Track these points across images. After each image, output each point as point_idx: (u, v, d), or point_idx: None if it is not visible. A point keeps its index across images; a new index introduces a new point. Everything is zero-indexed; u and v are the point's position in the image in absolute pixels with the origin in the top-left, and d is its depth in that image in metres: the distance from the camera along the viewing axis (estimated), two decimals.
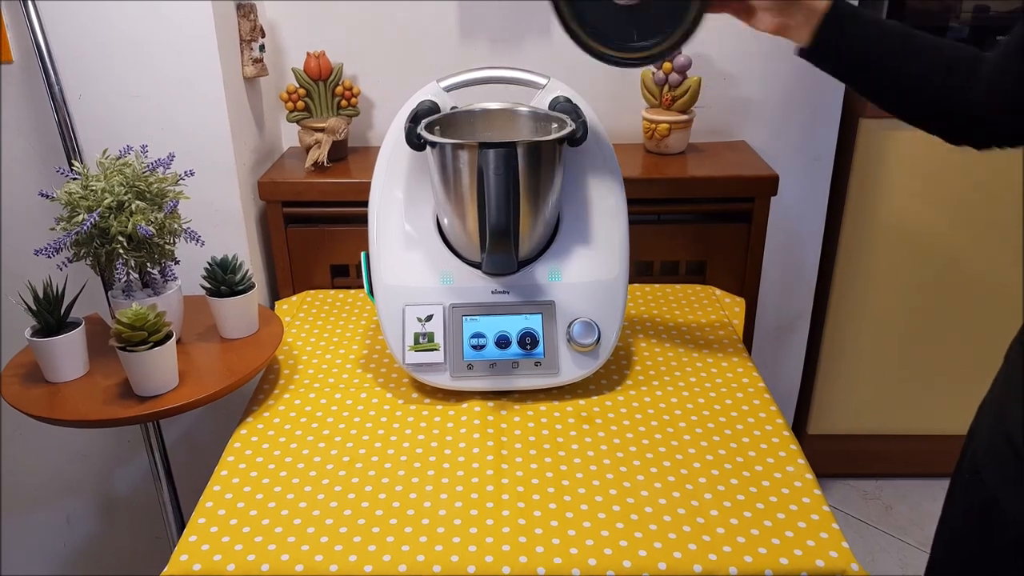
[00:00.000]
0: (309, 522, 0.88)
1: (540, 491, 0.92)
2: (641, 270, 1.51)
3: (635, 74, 1.54)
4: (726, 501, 0.91)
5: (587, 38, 0.94)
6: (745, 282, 1.50)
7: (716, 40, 1.54)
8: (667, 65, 1.48)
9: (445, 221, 1.11)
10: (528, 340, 1.09)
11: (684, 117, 1.50)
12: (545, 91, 1.14)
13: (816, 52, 0.90)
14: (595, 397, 1.10)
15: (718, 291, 1.41)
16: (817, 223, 1.71)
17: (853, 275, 1.76)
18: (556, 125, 1.08)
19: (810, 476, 0.95)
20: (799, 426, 1.95)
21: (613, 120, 1.54)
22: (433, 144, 1.04)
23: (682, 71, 1.48)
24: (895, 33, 0.87)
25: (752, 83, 1.57)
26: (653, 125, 1.51)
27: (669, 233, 1.48)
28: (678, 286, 1.43)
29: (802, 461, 0.97)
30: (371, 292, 1.14)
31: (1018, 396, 0.81)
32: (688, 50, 1.48)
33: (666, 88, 1.50)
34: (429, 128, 1.06)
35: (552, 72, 1.17)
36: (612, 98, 1.57)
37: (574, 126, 1.05)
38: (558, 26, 0.93)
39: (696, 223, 1.48)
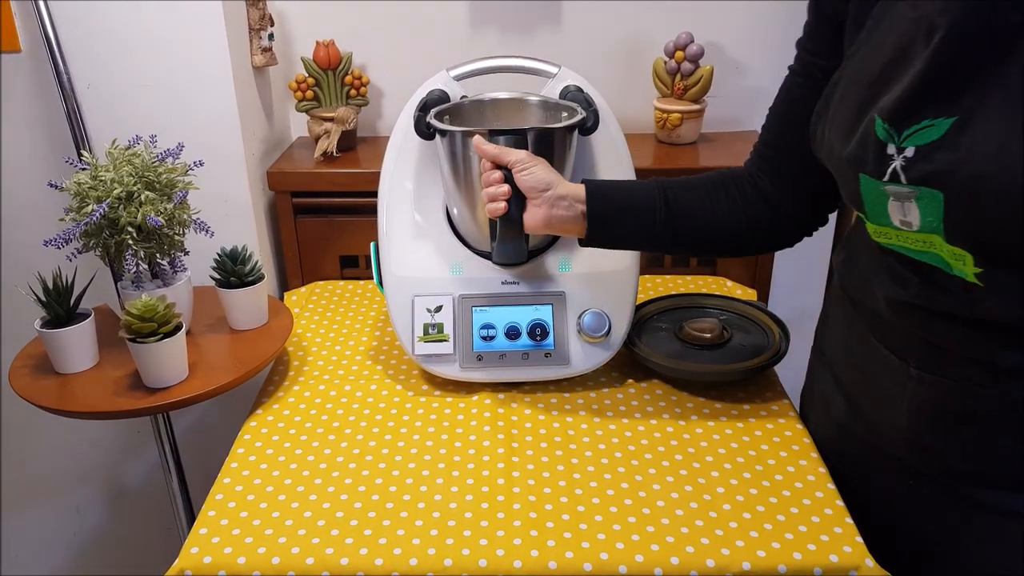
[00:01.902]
0: (319, 514, 0.88)
1: (551, 484, 0.92)
2: (652, 261, 1.50)
3: (647, 63, 1.53)
4: (739, 495, 0.90)
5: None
6: (757, 274, 1.48)
7: (728, 30, 1.52)
8: (679, 54, 1.46)
9: (455, 211, 1.10)
10: (538, 331, 1.08)
11: (696, 107, 1.48)
12: (556, 80, 1.13)
13: (590, 239, 0.96)
14: (606, 389, 1.10)
15: (730, 282, 1.40)
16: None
17: None
18: (566, 114, 1.07)
19: (823, 470, 0.94)
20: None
21: (624, 109, 1.53)
22: (443, 133, 1.03)
23: (694, 60, 1.46)
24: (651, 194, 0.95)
25: (764, 73, 1.55)
26: (665, 115, 1.49)
27: None
28: (689, 277, 1.42)
29: (815, 455, 0.96)
30: (380, 283, 1.13)
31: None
32: (700, 39, 1.47)
33: (678, 77, 1.48)
34: (438, 117, 1.05)
35: (563, 61, 1.15)
36: (623, 87, 1.56)
37: (584, 114, 1.04)
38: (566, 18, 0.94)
39: None
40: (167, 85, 1.29)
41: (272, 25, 1.42)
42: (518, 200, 0.96)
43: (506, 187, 0.94)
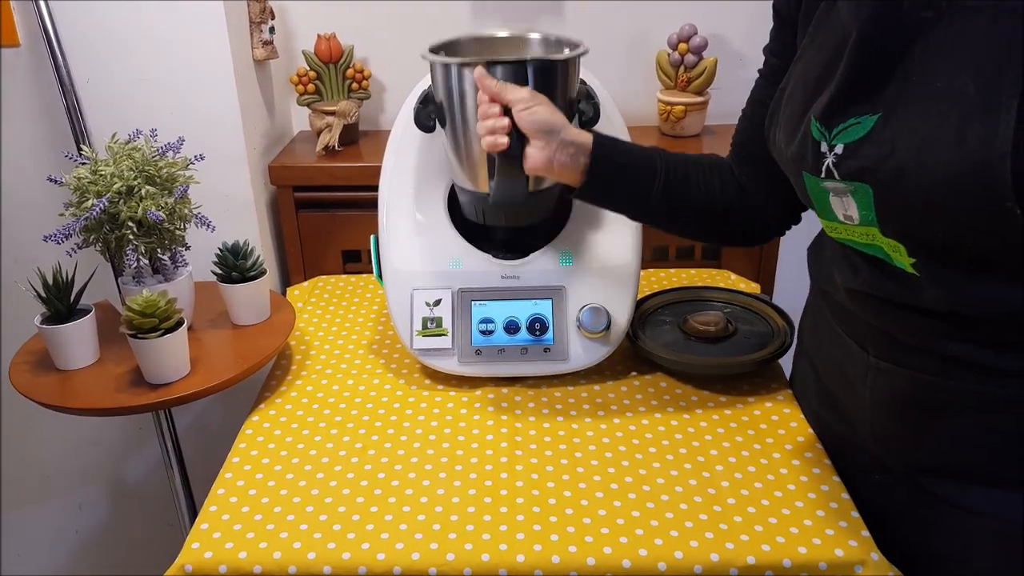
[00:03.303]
0: (321, 510, 0.88)
1: (554, 479, 0.91)
2: (657, 255, 1.49)
3: (650, 56, 1.52)
4: (743, 489, 0.89)
5: None
6: (761, 267, 1.48)
7: (731, 21, 1.51)
8: (683, 46, 1.45)
9: (453, 159, 1.04)
10: (537, 326, 1.07)
11: (700, 99, 1.47)
12: None
13: (586, 191, 0.93)
14: (609, 383, 1.09)
15: (733, 275, 1.39)
16: None
17: None
18: (568, 49, 1.02)
19: (828, 463, 0.93)
20: None
21: (628, 102, 1.52)
22: (444, 65, 0.96)
23: (698, 52, 1.45)
24: (652, 165, 0.94)
25: None
26: (668, 107, 1.48)
27: None
28: (693, 271, 1.41)
29: (820, 447, 0.96)
30: (380, 276, 1.12)
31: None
32: (704, 30, 1.46)
33: (682, 69, 1.47)
34: (434, 53, 1.00)
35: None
36: (627, 80, 1.55)
37: (586, 49, 0.98)
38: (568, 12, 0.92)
39: None
40: (167, 79, 1.28)
41: (273, 18, 1.41)
42: (518, 135, 0.90)
43: (506, 120, 0.88)
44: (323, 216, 1.45)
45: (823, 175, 0.75)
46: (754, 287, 1.37)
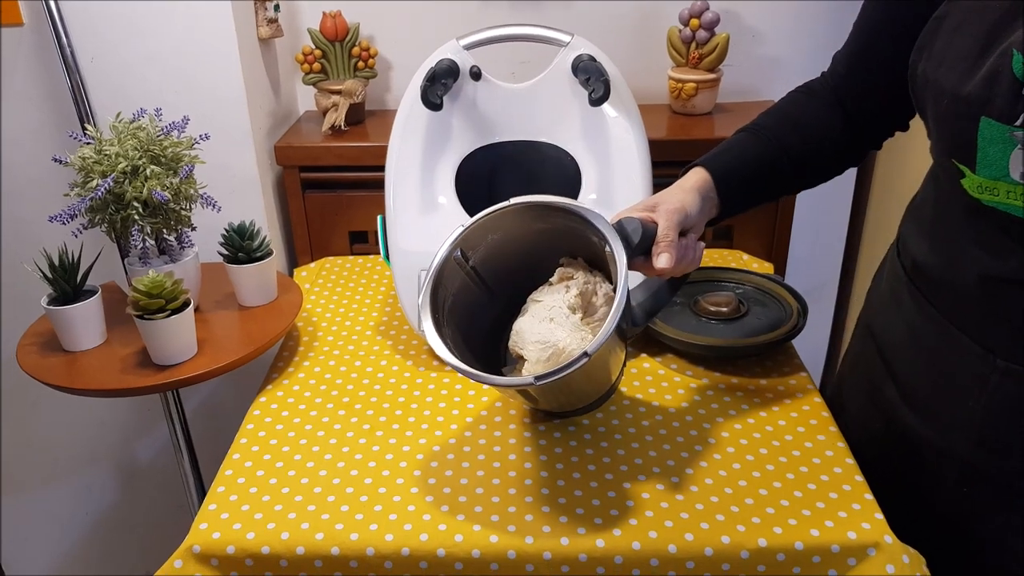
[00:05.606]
0: (329, 490, 0.87)
1: (562, 460, 0.91)
2: None
3: (661, 32, 1.50)
4: (754, 471, 0.88)
5: None
6: (773, 247, 1.46)
7: None
8: (694, 21, 1.43)
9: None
10: None
11: (711, 76, 1.45)
12: (569, 49, 1.10)
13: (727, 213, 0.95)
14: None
15: (746, 256, 1.37)
16: (846, 187, 1.67)
17: (881, 241, 1.71)
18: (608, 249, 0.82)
19: (842, 444, 0.92)
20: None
21: (638, 79, 1.50)
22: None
23: (710, 28, 1.43)
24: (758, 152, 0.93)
25: (782, 41, 1.51)
26: (679, 84, 1.46)
27: None
28: (705, 251, 1.39)
29: (834, 429, 0.95)
30: (387, 257, 1.11)
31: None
32: (716, 6, 1.44)
33: (693, 46, 1.45)
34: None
35: (575, 31, 1.12)
36: (637, 57, 1.53)
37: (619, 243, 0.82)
38: None
39: None
40: (172, 58, 1.27)
41: None
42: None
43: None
44: (330, 196, 1.44)
45: (1019, 122, 0.63)
46: (767, 267, 1.35)
